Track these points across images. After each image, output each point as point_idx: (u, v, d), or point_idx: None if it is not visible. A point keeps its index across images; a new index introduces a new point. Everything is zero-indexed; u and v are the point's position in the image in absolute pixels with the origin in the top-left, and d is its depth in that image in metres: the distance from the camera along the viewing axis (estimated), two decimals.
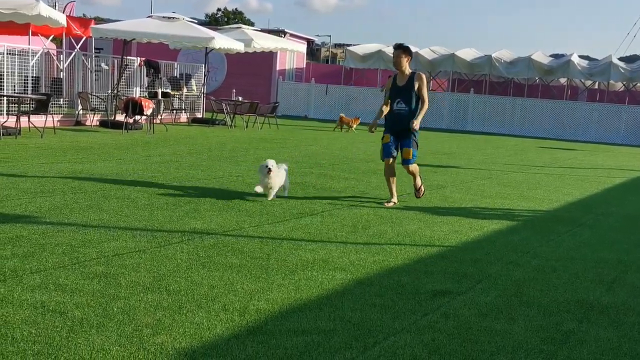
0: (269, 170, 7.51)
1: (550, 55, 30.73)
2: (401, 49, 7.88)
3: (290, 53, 28.83)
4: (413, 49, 29.60)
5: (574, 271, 5.44)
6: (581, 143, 23.73)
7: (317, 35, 60.29)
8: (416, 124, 7.72)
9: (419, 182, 8.36)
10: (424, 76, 7.88)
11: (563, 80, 31.13)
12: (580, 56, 29.20)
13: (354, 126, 21.41)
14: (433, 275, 5.03)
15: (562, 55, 30.97)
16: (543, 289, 4.87)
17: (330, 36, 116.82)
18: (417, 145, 8.00)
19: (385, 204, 7.96)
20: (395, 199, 8.05)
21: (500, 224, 7.28)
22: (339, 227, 6.57)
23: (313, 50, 60.13)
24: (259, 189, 7.60)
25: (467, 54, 29.73)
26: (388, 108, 8.00)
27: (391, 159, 7.95)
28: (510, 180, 11.40)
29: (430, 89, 31.15)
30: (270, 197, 7.69)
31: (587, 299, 4.68)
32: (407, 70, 7.89)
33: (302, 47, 25.27)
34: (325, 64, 54.30)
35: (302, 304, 4.18)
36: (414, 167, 8.09)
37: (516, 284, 4.97)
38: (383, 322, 3.95)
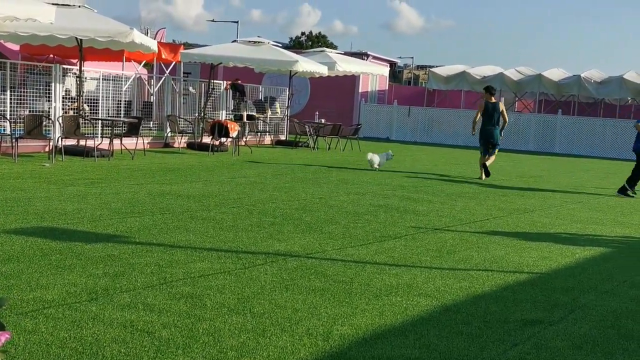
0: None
1: None
2: None
3: (373, 76, 28.89)
4: (498, 69, 29.51)
5: None
6: None
7: (400, 57, 60.15)
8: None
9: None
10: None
11: None
12: None
13: None
14: (522, 304, 4.84)
15: None
16: None
17: (412, 58, 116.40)
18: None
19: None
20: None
21: (593, 251, 6.97)
22: (423, 251, 6.45)
23: (395, 72, 60.11)
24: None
25: (555, 74, 28.92)
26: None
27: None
28: (602, 204, 10.92)
29: (515, 110, 30.47)
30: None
31: None
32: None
33: (385, 70, 25.25)
34: (408, 85, 54.11)
35: (387, 330, 4.10)
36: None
37: (613, 315, 4.71)
38: (470, 351, 3.82)
